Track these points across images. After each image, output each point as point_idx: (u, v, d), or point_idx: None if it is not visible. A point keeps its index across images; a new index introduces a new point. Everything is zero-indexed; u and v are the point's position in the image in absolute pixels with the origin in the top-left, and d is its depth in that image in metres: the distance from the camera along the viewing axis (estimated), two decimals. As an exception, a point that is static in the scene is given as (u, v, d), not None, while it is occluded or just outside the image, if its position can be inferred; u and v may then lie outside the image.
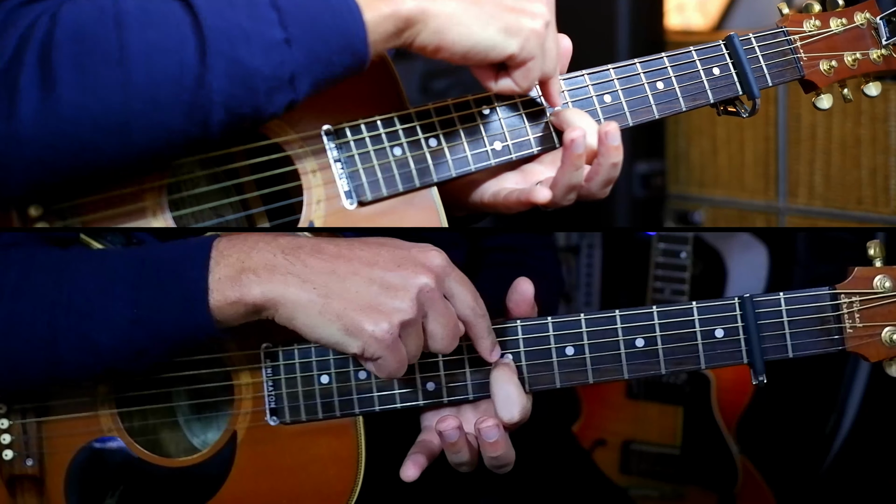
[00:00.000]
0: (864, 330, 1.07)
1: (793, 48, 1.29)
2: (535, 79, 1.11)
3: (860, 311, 1.07)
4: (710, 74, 1.25)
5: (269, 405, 1.14)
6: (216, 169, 1.10)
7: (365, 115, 1.13)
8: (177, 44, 0.93)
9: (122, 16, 0.92)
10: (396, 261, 1.04)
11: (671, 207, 2.76)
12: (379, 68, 1.14)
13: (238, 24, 0.95)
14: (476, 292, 1.07)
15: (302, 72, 0.98)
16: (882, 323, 1.07)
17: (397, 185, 1.14)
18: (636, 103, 1.23)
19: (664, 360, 1.10)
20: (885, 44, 1.31)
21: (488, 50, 1.06)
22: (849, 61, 1.31)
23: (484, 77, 1.10)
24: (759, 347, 1.08)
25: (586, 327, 1.11)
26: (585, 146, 1.13)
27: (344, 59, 1.00)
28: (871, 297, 1.07)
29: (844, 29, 1.31)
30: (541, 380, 1.11)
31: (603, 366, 1.11)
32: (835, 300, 1.08)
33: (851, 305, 1.07)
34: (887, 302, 1.07)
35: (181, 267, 1.03)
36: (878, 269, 1.07)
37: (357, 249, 1.04)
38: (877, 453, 2.59)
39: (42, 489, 1.15)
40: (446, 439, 1.09)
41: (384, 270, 1.03)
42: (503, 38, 1.06)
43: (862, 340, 1.07)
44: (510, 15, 1.06)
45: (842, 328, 1.07)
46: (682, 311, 1.10)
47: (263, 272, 1.01)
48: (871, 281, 1.07)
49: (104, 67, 0.91)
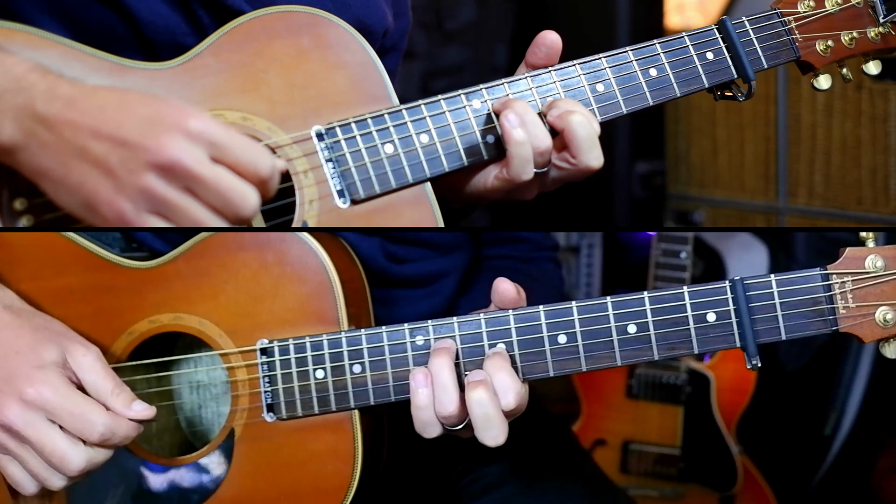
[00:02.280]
0: (857, 310, 1.06)
1: (787, 29, 1.28)
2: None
3: (853, 292, 1.06)
4: (704, 59, 1.24)
5: (265, 401, 1.14)
6: None
7: (355, 115, 1.13)
8: None
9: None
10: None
11: (671, 207, 2.76)
12: (365, 67, 1.15)
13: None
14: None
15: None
16: (875, 303, 1.06)
17: (390, 183, 1.13)
18: (629, 91, 1.22)
19: (657, 345, 1.09)
20: (883, 21, 1.30)
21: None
22: (846, 41, 1.30)
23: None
24: (751, 330, 1.07)
25: (578, 315, 1.10)
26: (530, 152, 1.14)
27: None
28: (864, 277, 1.06)
29: (840, 8, 1.30)
30: (534, 368, 1.11)
31: (596, 353, 1.10)
32: (827, 280, 1.07)
33: (844, 286, 1.06)
34: (880, 281, 1.06)
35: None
36: (870, 248, 1.06)
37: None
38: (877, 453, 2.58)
39: (44, 489, 1.14)
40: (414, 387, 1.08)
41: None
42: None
43: (855, 321, 1.06)
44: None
45: (834, 308, 1.06)
46: (674, 297, 1.09)
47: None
48: (863, 261, 1.06)
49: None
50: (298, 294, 1.14)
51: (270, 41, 1.14)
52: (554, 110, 1.16)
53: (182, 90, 1.10)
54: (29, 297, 1.17)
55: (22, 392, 1.05)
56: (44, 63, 1.01)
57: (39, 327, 1.11)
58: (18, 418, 1.05)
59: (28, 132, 0.97)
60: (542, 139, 1.15)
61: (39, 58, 1.04)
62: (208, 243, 1.15)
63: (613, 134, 1.13)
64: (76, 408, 1.06)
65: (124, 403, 1.08)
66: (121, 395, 1.09)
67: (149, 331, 1.16)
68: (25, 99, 0.97)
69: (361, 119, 1.14)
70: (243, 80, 1.12)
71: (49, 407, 1.05)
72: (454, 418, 1.08)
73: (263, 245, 1.14)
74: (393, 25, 1.35)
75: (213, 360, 1.21)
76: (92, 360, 1.10)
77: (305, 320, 1.14)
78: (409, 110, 1.15)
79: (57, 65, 1.04)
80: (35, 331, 1.10)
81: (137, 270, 1.17)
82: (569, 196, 1.23)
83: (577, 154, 1.16)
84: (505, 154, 1.16)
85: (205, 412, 1.25)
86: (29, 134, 0.97)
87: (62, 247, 1.17)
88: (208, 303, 1.15)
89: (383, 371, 1.12)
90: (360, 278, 1.21)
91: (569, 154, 1.16)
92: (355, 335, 1.12)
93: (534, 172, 1.16)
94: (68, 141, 0.96)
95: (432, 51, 2.78)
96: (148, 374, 1.21)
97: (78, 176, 0.96)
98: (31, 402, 1.05)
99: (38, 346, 1.08)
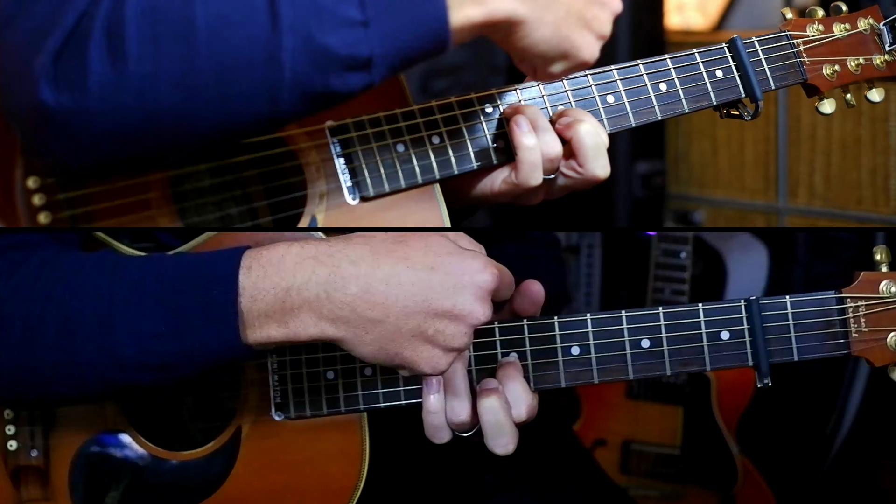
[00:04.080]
0: (870, 334, 1.07)
1: (796, 52, 1.29)
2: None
3: (866, 316, 1.07)
4: (713, 77, 1.25)
5: (274, 400, 1.14)
6: (220, 163, 1.10)
7: (368, 112, 1.13)
8: (247, 16, 0.90)
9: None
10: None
11: (671, 207, 2.76)
12: None
13: (314, 1, 0.91)
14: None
15: (378, 54, 0.94)
16: (888, 328, 1.07)
17: (400, 182, 1.14)
18: (639, 104, 1.23)
19: (669, 360, 1.10)
20: (889, 49, 1.32)
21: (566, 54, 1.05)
22: (852, 66, 1.31)
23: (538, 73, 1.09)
24: (764, 350, 1.08)
25: (592, 327, 1.11)
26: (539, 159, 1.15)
27: (424, 45, 0.96)
28: (878, 302, 1.07)
29: (847, 34, 1.31)
30: (546, 379, 1.12)
31: (608, 366, 1.11)
32: (841, 304, 1.08)
33: (857, 310, 1.07)
34: (894, 307, 1.07)
35: (209, 290, 1.01)
36: (885, 273, 1.07)
37: (403, 276, 1.02)
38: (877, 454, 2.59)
39: (46, 481, 1.15)
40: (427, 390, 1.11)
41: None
42: (578, 49, 1.05)
43: (867, 345, 1.07)
44: (584, 25, 1.05)
45: (847, 332, 1.08)
46: (688, 313, 1.10)
47: (306, 311, 1.01)
48: (878, 285, 1.07)
49: (171, 40, 0.88)
50: None
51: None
52: (563, 119, 1.17)
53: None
54: None
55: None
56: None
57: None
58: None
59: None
60: (553, 146, 1.16)
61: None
62: (219, 240, 1.13)
63: (614, 134, 1.14)
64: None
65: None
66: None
67: None
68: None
69: (374, 117, 1.14)
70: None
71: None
72: (465, 425, 1.08)
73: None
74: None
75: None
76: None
77: None
78: (421, 111, 1.15)
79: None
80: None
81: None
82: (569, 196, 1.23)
83: (584, 163, 1.17)
84: (514, 159, 1.16)
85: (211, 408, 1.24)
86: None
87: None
88: None
89: (394, 373, 1.12)
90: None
91: (576, 163, 1.17)
92: None
93: (542, 179, 1.16)
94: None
95: (432, 51, 2.76)
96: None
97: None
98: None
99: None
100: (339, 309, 0.99)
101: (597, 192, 2.59)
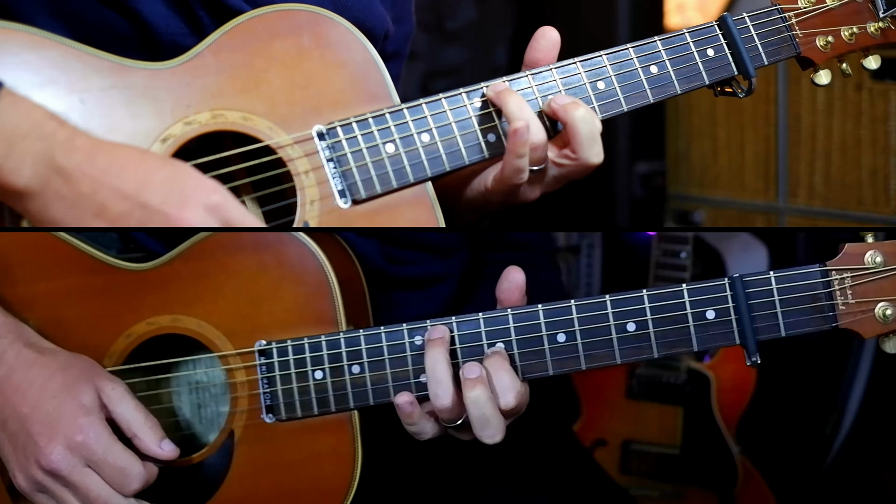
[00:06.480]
0: (857, 306, 1.06)
1: (787, 25, 1.28)
2: None
3: (852, 288, 1.06)
4: (705, 56, 1.24)
5: (264, 403, 1.14)
6: (212, 173, 1.09)
7: (356, 114, 1.14)
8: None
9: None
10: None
11: (671, 207, 2.76)
12: (366, 65, 1.15)
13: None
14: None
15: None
16: (874, 298, 1.06)
17: (391, 182, 1.14)
18: (630, 88, 1.22)
19: (656, 343, 1.09)
20: (883, 16, 1.30)
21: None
22: (846, 36, 1.30)
23: None
24: (750, 327, 1.07)
25: (577, 313, 1.10)
26: (529, 136, 1.13)
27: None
28: (863, 273, 1.06)
29: (840, 3, 1.30)
30: (534, 367, 1.11)
31: (595, 351, 1.10)
32: (826, 277, 1.07)
33: (843, 282, 1.06)
34: (879, 277, 1.06)
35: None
36: (869, 244, 1.06)
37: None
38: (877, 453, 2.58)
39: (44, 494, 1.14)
40: (401, 411, 1.10)
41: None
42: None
43: (855, 317, 1.06)
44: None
45: (834, 305, 1.07)
46: (673, 294, 1.09)
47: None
48: (862, 257, 1.06)
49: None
50: (297, 295, 1.14)
51: (271, 40, 1.14)
52: (558, 101, 1.17)
53: (182, 90, 1.10)
54: (25, 300, 1.17)
55: (69, 438, 1.07)
56: (45, 62, 1.01)
57: (68, 366, 1.12)
58: (64, 463, 1.07)
59: (45, 180, 0.97)
60: (536, 133, 1.15)
61: (40, 58, 1.04)
62: (206, 245, 1.15)
63: (614, 134, 1.12)
64: (118, 461, 1.08)
65: (154, 440, 1.11)
66: (153, 428, 1.11)
67: (147, 333, 1.16)
68: (45, 146, 0.98)
69: (362, 118, 1.14)
70: (243, 79, 1.12)
71: (94, 457, 1.08)
72: (449, 412, 1.08)
73: (262, 246, 1.14)
74: (394, 30, 1.35)
75: (212, 361, 1.21)
76: (121, 393, 1.11)
77: (304, 321, 1.13)
78: (410, 109, 1.15)
79: (58, 63, 1.04)
80: (64, 370, 1.11)
81: (135, 272, 1.17)
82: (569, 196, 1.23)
83: (578, 149, 1.16)
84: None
85: (204, 413, 1.25)
86: (45, 182, 0.97)
87: (58, 248, 1.17)
88: (207, 305, 1.15)
89: (382, 371, 1.12)
90: (359, 279, 1.20)
91: (570, 150, 1.17)
92: (354, 336, 1.12)
93: (529, 170, 1.16)
94: (87, 196, 0.98)
95: (432, 51, 2.78)
96: (146, 376, 1.20)
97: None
98: (77, 449, 1.07)
99: (73, 388, 1.10)
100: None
101: (597, 192, 2.60)
